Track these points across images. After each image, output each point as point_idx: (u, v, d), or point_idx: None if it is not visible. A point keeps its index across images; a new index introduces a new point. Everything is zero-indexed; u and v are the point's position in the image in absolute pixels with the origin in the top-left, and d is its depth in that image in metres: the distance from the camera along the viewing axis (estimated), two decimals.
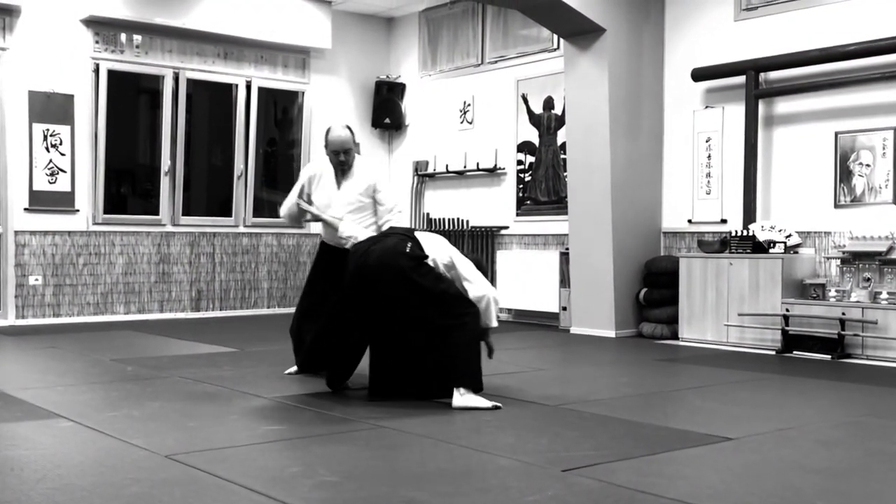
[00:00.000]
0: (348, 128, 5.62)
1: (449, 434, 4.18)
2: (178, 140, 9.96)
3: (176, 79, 9.93)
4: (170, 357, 6.74)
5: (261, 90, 10.53)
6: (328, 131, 5.61)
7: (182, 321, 9.59)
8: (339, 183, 5.63)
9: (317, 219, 5.67)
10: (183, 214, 10.06)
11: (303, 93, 10.90)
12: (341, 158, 5.55)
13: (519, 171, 9.98)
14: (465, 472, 3.51)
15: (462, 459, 3.69)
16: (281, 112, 11.12)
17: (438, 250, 5.01)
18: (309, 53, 10.85)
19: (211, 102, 10.66)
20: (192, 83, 10.08)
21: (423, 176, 11.06)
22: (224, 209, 10.44)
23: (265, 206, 10.65)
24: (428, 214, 11.01)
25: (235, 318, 10.05)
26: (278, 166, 11.15)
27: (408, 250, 4.86)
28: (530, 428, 4.34)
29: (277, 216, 6.32)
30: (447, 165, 10.72)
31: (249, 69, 10.44)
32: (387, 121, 11.25)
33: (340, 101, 11.21)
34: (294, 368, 5.80)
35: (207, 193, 10.76)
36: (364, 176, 5.63)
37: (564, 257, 9.12)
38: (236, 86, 10.36)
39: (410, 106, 11.30)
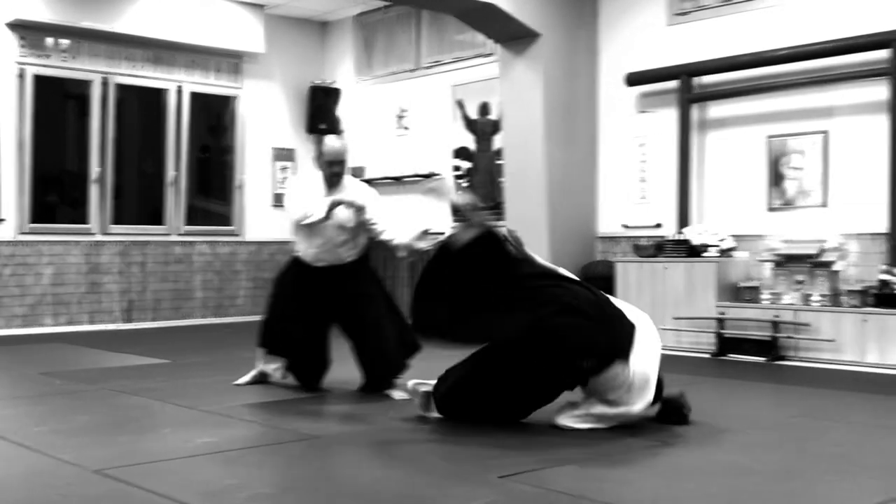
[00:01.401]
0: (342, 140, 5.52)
1: (387, 443, 4.13)
2: (108, 147, 9.75)
3: (105, 84, 9.72)
4: (100, 369, 6.58)
5: (193, 95, 10.36)
6: (321, 142, 5.43)
7: (113, 333, 9.37)
8: (327, 194, 5.38)
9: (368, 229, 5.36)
10: (113, 223, 9.83)
11: (236, 98, 10.76)
12: (335, 170, 5.33)
13: (456, 177, 9.96)
14: (402, 480, 3.47)
15: (400, 469, 3.65)
16: (214, 118, 10.96)
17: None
18: (242, 58, 10.71)
19: (141, 108, 10.46)
20: (121, 88, 9.88)
21: (360, 182, 10.95)
22: (156, 217, 10.24)
23: (198, 214, 10.48)
24: None
25: (168, 328, 9.85)
26: (212, 173, 10.98)
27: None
28: (470, 434, 4.30)
29: (211, 223, 6.13)
30: (383, 171, 10.65)
31: (180, 74, 10.27)
32: (322, 126, 11.12)
33: (275, 106, 11.09)
34: (247, 378, 5.68)
35: (138, 201, 10.55)
36: (358, 192, 5.44)
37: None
38: (167, 91, 10.18)
39: (346, 111, 11.22)
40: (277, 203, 10.96)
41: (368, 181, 10.76)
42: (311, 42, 11.40)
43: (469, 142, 9.83)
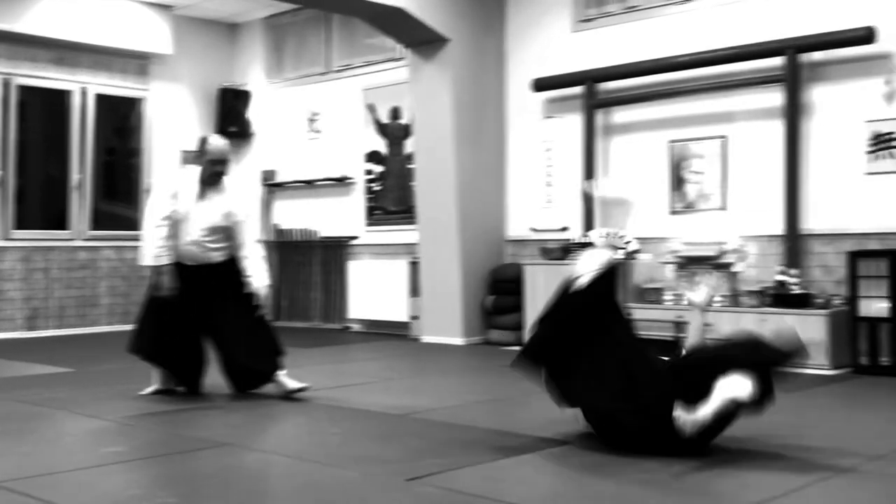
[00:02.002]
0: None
1: (294, 448, 4.14)
2: (10, 149, 9.50)
3: (6, 85, 9.48)
4: (1, 379, 6.42)
5: (98, 97, 10.17)
6: (205, 141, 5.42)
7: (15, 341, 9.13)
8: (202, 198, 5.40)
9: None
10: (15, 228, 9.59)
11: (143, 100, 10.59)
12: (218, 169, 5.37)
13: (368, 181, 9.97)
14: (309, 486, 3.48)
15: (306, 474, 3.66)
16: (120, 120, 10.75)
17: None
18: (149, 59, 10.55)
19: (45, 110, 10.20)
20: (23, 90, 9.64)
21: (272, 186, 10.92)
22: (60, 222, 10.01)
23: (104, 218, 10.28)
24: (277, 225, 10.87)
25: (73, 336, 9.64)
26: (118, 176, 10.77)
27: None
28: (377, 438, 4.34)
29: (118, 228, 6.06)
30: (296, 175, 10.61)
31: (85, 75, 10.06)
32: (232, 129, 11.02)
33: (183, 108, 10.95)
34: (152, 388, 5.60)
35: (42, 205, 10.28)
36: (230, 198, 5.47)
37: (414, 266, 9.18)
38: (71, 93, 9.97)
39: (257, 114, 11.14)
40: None
41: (280, 185, 10.77)
42: (220, 44, 11.29)
43: (381, 146, 9.85)
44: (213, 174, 5.39)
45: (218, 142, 5.44)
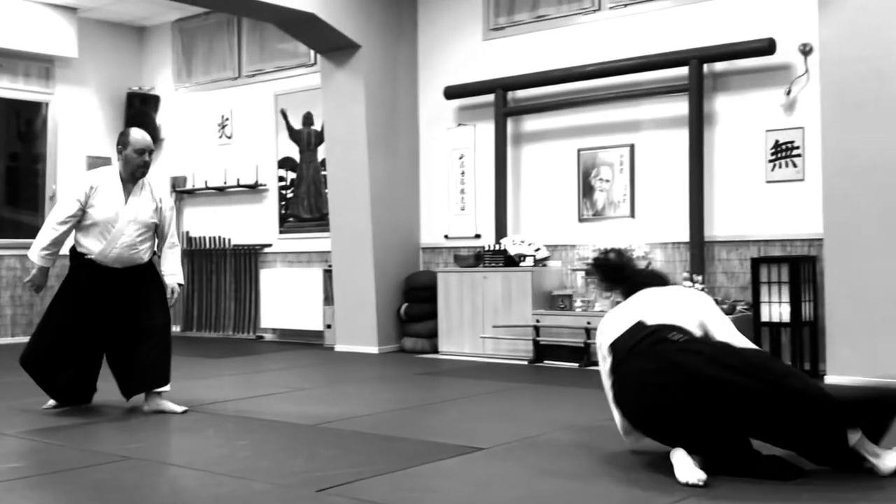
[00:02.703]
0: None
1: (201, 461, 4.07)
2: None
3: None
4: None
5: (0, 101, 9.87)
6: (126, 133, 5.22)
7: None
8: (126, 194, 5.18)
9: None
10: None
11: (47, 104, 10.32)
12: (146, 159, 5.15)
13: (281, 188, 9.89)
14: (217, 499, 3.43)
15: (214, 487, 3.61)
16: (24, 124, 10.47)
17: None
18: (53, 62, 10.29)
19: None
20: None
21: (182, 192, 10.74)
22: None
23: (7, 226, 9.97)
24: (188, 233, 10.69)
25: None
26: (21, 182, 10.47)
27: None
28: (287, 449, 4.29)
29: (21, 236, 5.87)
30: (206, 181, 10.46)
31: None
32: None
33: (89, 113, 10.70)
34: (53, 402, 5.42)
35: None
36: (154, 192, 5.29)
37: (328, 274, 9.13)
38: None
39: (166, 119, 10.95)
40: None
41: (190, 192, 10.60)
42: (127, 47, 11.07)
43: (294, 152, 9.78)
44: (139, 166, 5.16)
45: (140, 131, 5.26)
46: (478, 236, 8.48)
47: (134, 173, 5.19)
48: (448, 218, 8.70)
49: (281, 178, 9.89)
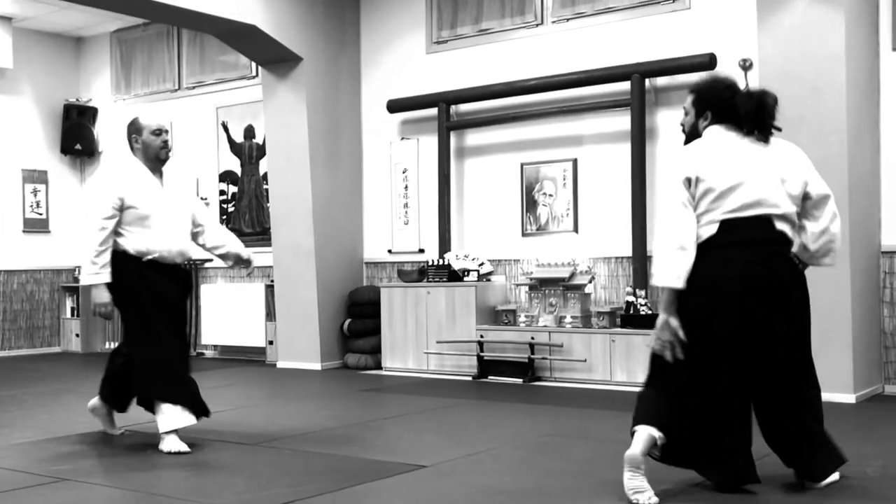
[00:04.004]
0: None
1: (139, 482, 3.96)
2: None
3: None
4: None
5: None
6: (135, 119, 4.82)
7: None
8: (160, 184, 4.77)
9: None
10: None
11: None
12: (165, 138, 4.77)
13: (222, 202, 9.74)
14: None
15: None
16: None
17: None
18: None
19: None
20: None
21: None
22: None
23: None
24: None
25: None
26: None
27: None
28: (227, 468, 4.22)
29: None
30: None
31: None
32: (78, 147, 10.61)
33: (25, 124, 10.45)
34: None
35: None
36: (177, 178, 4.95)
37: (270, 290, 9.00)
38: None
39: (104, 131, 10.74)
40: (28, 228, 10.36)
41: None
42: (64, 58, 10.84)
43: (235, 165, 9.64)
44: (161, 147, 4.77)
45: (148, 112, 4.92)
46: (421, 251, 8.42)
47: (158, 156, 4.79)
48: (391, 232, 8.64)
49: (222, 192, 9.74)
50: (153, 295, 4.65)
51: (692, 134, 3.80)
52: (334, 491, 3.73)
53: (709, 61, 6.84)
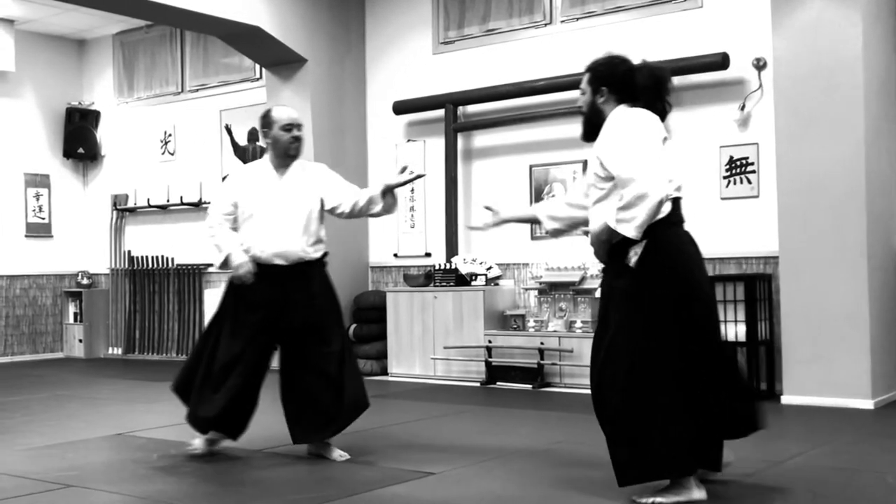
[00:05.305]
0: None
1: (144, 489, 3.85)
2: None
3: None
4: None
5: None
6: (267, 113, 4.65)
7: None
8: (279, 179, 4.59)
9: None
10: None
11: None
12: (296, 134, 4.57)
13: None
14: None
15: None
16: None
17: None
18: None
19: None
20: None
21: (123, 210, 10.44)
22: None
23: None
24: (129, 252, 10.39)
25: None
26: None
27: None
28: (233, 476, 4.12)
29: None
30: (149, 199, 10.17)
31: None
32: (80, 150, 10.52)
33: (28, 127, 10.36)
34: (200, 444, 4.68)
35: None
36: (308, 169, 4.71)
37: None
38: None
39: (106, 135, 10.65)
40: (31, 233, 10.27)
41: (132, 210, 10.31)
42: (67, 61, 10.75)
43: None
44: (290, 143, 4.57)
45: (281, 107, 4.76)
46: (428, 255, 8.30)
47: (287, 152, 4.60)
48: (397, 236, 8.52)
49: None
50: (237, 305, 4.62)
51: (591, 113, 3.78)
52: (340, 499, 3.65)
53: (721, 61, 6.72)
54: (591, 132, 3.75)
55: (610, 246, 3.53)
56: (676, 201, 3.59)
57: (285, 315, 4.53)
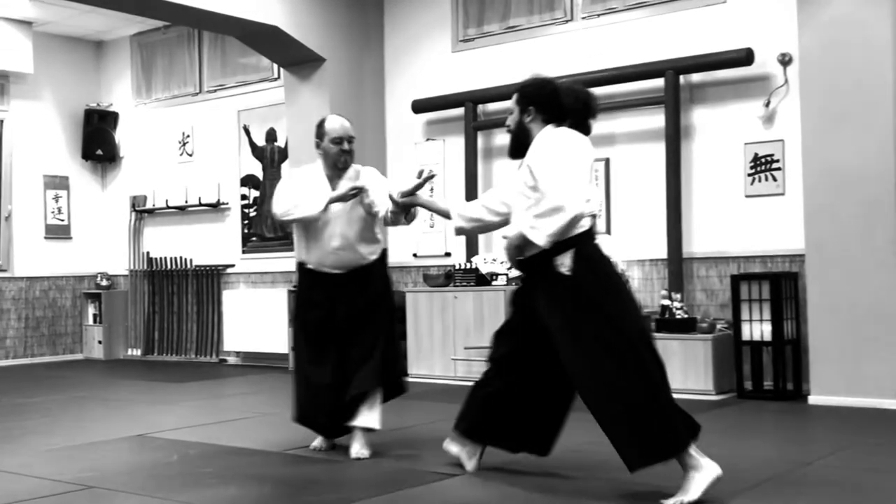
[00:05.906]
0: None
1: (164, 489, 3.82)
2: None
3: None
4: None
5: None
6: (321, 124, 4.67)
7: None
8: (333, 188, 4.61)
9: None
10: None
11: (1, 121, 10.00)
12: (345, 147, 4.59)
13: (244, 206, 9.61)
14: None
15: None
16: None
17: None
18: (8, 78, 9.97)
19: None
20: None
21: (142, 212, 10.43)
22: None
23: None
24: (148, 253, 10.38)
25: None
26: None
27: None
28: (254, 477, 4.11)
29: None
30: (167, 200, 10.16)
31: None
32: (99, 152, 10.52)
33: (46, 129, 10.37)
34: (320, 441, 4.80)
35: None
36: (362, 176, 4.68)
37: (293, 295, 8.82)
38: None
39: (125, 136, 10.65)
40: (50, 234, 10.28)
41: (150, 211, 10.30)
42: (85, 62, 10.76)
43: (257, 169, 9.51)
44: (339, 155, 4.59)
45: (334, 119, 4.73)
46: (448, 254, 8.24)
47: (336, 164, 4.63)
48: (416, 235, 8.46)
49: (244, 197, 9.61)
50: (304, 316, 4.76)
51: (518, 131, 3.97)
52: (363, 499, 3.62)
53: (746, 56, 6.63)
54: (518, 150, 3.96)
55: (520, 252, 3.74)
56: (592, 218, 3.84)
57: (339, 310, 4.63)
